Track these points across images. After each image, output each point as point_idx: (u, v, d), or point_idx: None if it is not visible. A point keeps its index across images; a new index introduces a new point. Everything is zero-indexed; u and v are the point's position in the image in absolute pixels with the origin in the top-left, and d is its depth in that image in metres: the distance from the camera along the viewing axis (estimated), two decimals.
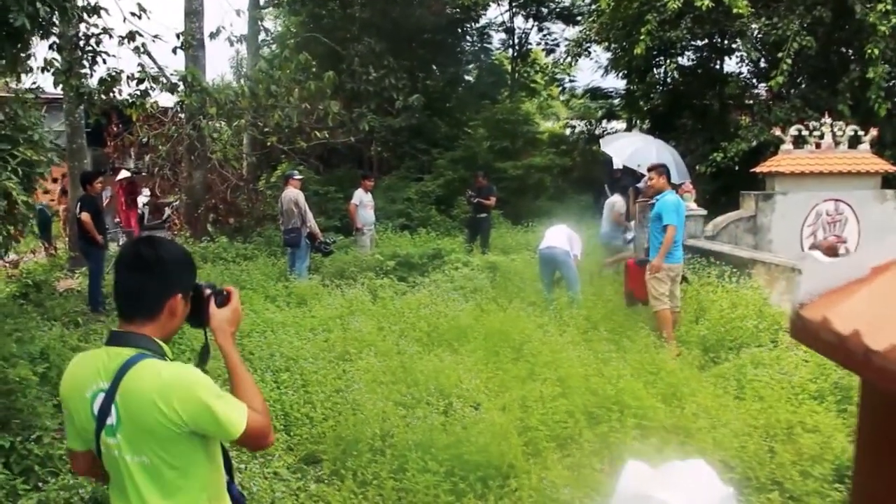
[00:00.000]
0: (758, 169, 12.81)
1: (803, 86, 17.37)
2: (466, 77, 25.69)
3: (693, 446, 5.38)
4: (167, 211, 20.32)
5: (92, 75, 10.49)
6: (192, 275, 2.39)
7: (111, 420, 2.14)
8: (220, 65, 58.34)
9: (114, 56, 10.59)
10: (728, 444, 5.30)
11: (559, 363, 6.89)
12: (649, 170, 9.17)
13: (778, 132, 12.60)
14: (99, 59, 10.32)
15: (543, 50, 26.69)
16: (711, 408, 5.93)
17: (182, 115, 16.21)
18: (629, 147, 12.35)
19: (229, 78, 28.38)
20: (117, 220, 17.51)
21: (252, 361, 7.02)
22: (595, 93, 26.24)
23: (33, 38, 7.67)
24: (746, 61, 19.77)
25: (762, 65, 18.85)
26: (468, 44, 25.19)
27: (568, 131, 28.16)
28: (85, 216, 10.33)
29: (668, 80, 22.83)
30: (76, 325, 9.54)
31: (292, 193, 11.84)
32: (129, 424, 2.12)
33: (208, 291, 2.42)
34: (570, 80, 27.94)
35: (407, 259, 12.22)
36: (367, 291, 10.31)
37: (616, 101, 25.78)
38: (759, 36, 16.61)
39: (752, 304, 8.91)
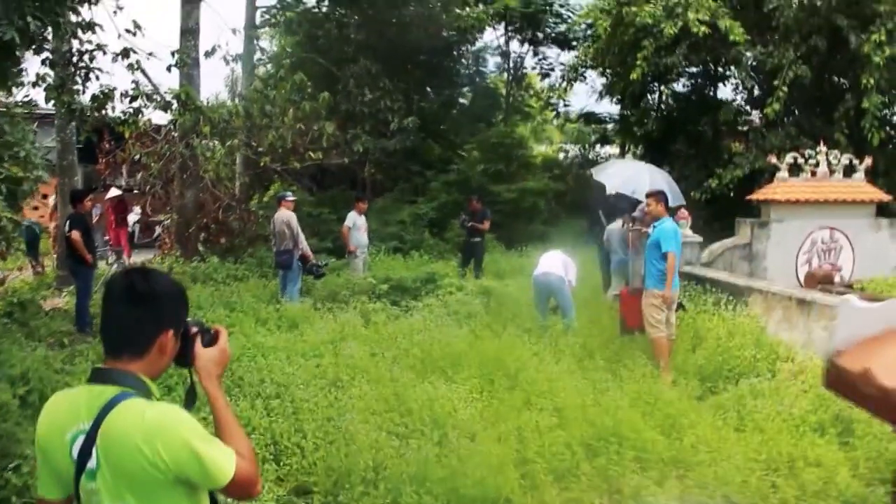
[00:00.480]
0: (753, 196, 12.78)
1: (798, 113, 17.42)
2: (461, 100, 25.66)
3: (693, 480, 5.26)
4: (158, 229, 20.12)
5: (84, 92, 10.40)
6: (185, 311, 2.26)
7: (91, 464, 2.00)
8: (215, 83, 58.27)
9: (107, 73, 10.51)
10: (730, 478, 5.18)
11: (555, 392, 6.77)
12: (647, 196, 9.07)
13: (773, 160, 12.58)
14: (92, 75, 10.24)
15: (539, 74, 26.73)
16: (711, 440, 5.82)
17: (175, 134, 16.09)
18: (621, 174, 12.17)
19: (224, 97, 28.32)
20: (107, 238, 17.33)
21: (242, 387, 6.88)
22: (589, 117, 26.29)
23: (25, 53, 7.55)
24: (741, 89, 19.81)
25: (756, 92, 18.86)
26: (463, 67, 25.17)
27: (561, 156, 28.19)
28: (74, 234, 10.17)
29: (663, 105, 22.93)
30: (62, 345, 9.37)
31: (285, 215, 11.72)
32: (109, 469, 1.97)
33: (195, 329, 2.28)
34: (565, 105, 27.97)
35: (400, 283, 12.09)
36: (359, 315, 10.17)
37: (610, 126, 25.84)
38: (754, 64, 16.66)
39: (749, 332, 8.82)
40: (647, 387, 6.98)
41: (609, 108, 25.86)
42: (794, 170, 12.53)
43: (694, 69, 20.93)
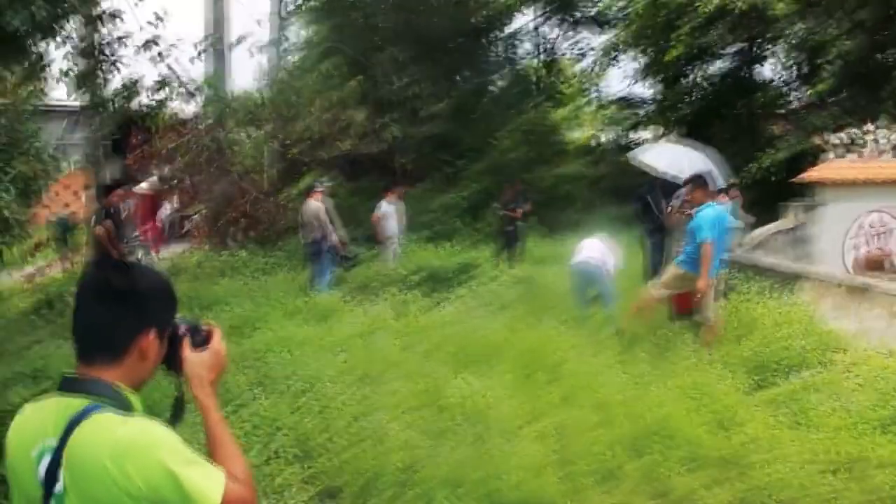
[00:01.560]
0: (799, 178, 12.26)
1: (843, 92, 16.78)
2: (493, 87, 25.25)
3: (747, 483, 4.90)
4: (188, 223, 20.02)
5: (108, 83, 10.23)
6: (171, 308, 1.95)
7: (58, 487, 1.69)
8: (245, 75, 58.43)
9: (129, 65, 10.34)
10: (787, 481, 4.81)
11: (596, 386, 6.43)
12: (684, 184, 8.66)
13: (819, 140, 12.07)
14: (115, 66, 10.06)
15: (571, 60, 26.27)
16: (764, 439, 5.45)
17: (202, 126, 15.92)
18: (663, 157, 11.65)
19: (254, 89, 28.17)
20: (137, 233, 17.20)
21: (268, 384, 6.62)
22: (624, 102, 25.77)
23: (38, 43, 7.31)
24: (782, 68, 19.24)
25: (799, 72, 18.32)
26: (494, 53, 24.78)
27: (595, 142, 27.69)
28: (99, 230, 10.03)
29: (700, 88, 22.41)
30: None
31: (314, 205, 11.47)
32: (76, 494, 1.66)
33: (183, 328, 1.97)
34: (599, 90, 27.48)
35: (433, 273, 11.80)
36: (390, 307, 9.89)
37: (645, 111, 25.32)
38: (796, 42, 16.10)
39: (798, 322, 8.40)
40: (694, 379, 6.60)
41: (644, 92, 25.31)
42: (842, 150, 12.02)
43: (732, 49, 20.38)
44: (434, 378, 6.62)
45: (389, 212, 13.01)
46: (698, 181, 8.41)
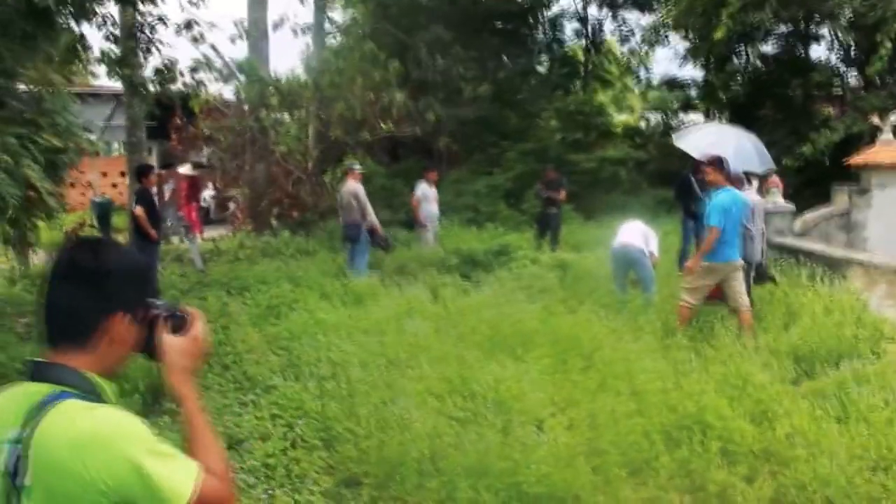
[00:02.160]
0: (853, 160, 11.81)
1: None
2: (538, 68, 24.91)
3: (789, 478, 4.65)
4: (231, 205, 20.09)
5: (146, 65, 10.20)
6: (142, 289, 1.80)
7: (24, 480, 1.55)
8: (288, 57, 58.59)
9: (168, 46, 10.29)
10: (832, 477, 4.54)
11: (633, 374, 6.20)
12: (706, 164, 8.38)
13: (876, 120, 11.59)
14: (154, 47, 10.02)
15: (618, 40, 25.76)
16: (808, 432, 5.16)
17: (245, 108, 15.90)
18: (704, 140, 11.19)
19: (299, 71, 28.16)
20: (180, 214, 17.28)
21: (297, 367, 6.52)
22: (672, 83, 25.21)
23: (70, 21, 7.25)
24: (836, 48, 18.58)
25: (854, 52, 17.67)
26: (539, 34, 24.41)
27: (643, 124, 27.20)
28: (139, 210, 10.00)
29: (749, 68, 21.83)
30: None
31: (352, 186, 11.35)
32: (42, 487, 1.52)
33: (159, 313, 1.83)
34: (647, 71, 26.92)
35: (471, 255, 11.62)
36: (427, 290, 9.74)
37: (694, 92, 24.75)
38: (852, 18, 15.50)
39: (848, 309, 8.04)
40: (736, 368, 6.33)
41: (692, 73, 24.74)
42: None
43: (784, 28, 19.77)
44: (466, 363, 6.45)
45: (428, 194, 12.84)
46: (717, 163, 8.05)
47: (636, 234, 9.24)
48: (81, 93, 24.14)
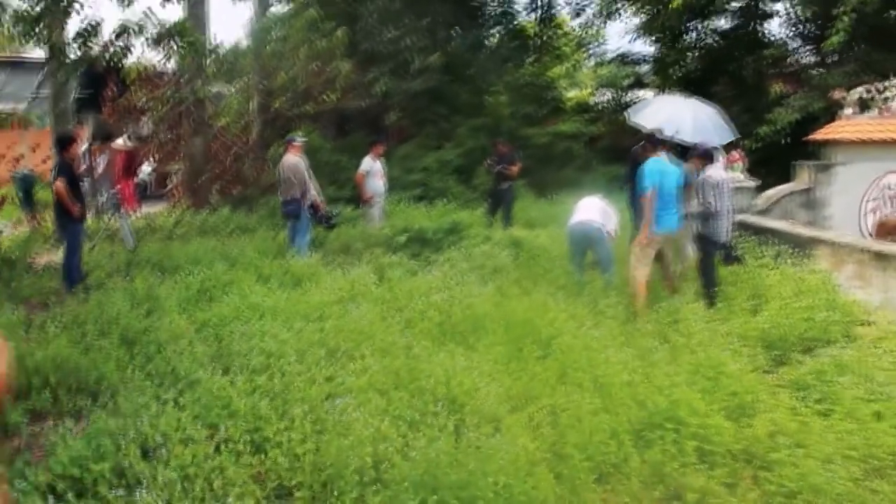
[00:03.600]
0: (814, 136, 11.44)
1: (859, 48, 15.85)
2: (489, 41, 24.23)
3: (773, 483, 4.17)
4: (170, 181, 19.14)
5: (66, 27, 9.37)
6: None
7: None
8: (227, 24, 57.11)
9: (91, 6, 9.46)
10: (817, 479, 4.07)
11: (596, 364, 5.67)
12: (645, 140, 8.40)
13: (838, 95, 11.22)
14: (73, 8, 9.19)
15: (570, 13, 25.23)
16: (790, 429, 4.70)
17: (182, 78, 15.02)
18: (661, 113, 10.63)
19: (243, 42, 27.11)
20: (115, 189, 16.28)
21: (227, 359, 5.88)
22: (624, 58, 24.81)
23: None
24: (791, 23, 18.31)
25: (808, 28, 17.40)
26: (491, 6, 23.73)
27: (594, 100, 26.78)
28: (59, 184, 9.15)
29: (703, 44, 21.57)
30: (45, 306, 8.44)
31: (292, 160, 10.64)
32: None
33: None
34: (599, 45, 26.46)
35: (420, 234, 11.01)
36: (372, 271, 9.14)
37: (645, 69, 24.39)
38: None
39: (818, 291, 7.65)
40: (707, 356, 5.84)
41: (645, 48, 24.36)
42: (861, 107, 11.17)
43: (738, 2, 19.47)
44: (414, 353, 5.87)
45: (374, 169, 12.13)
46: (651, 137, 8.30)
47: (595, 211, 8.73)
48: (7, 61, 22.96)
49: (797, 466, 4.23)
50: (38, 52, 14.13)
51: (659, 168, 7.82)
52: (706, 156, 8.16)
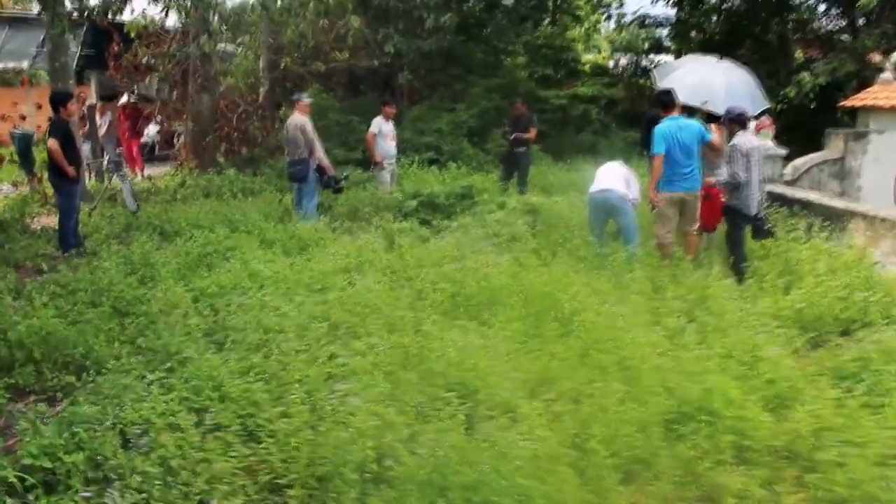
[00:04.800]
0: (848, 102, 10.86)
1: (892, 9, 15.17)
2: (505, 1, 23.53)
3: (821, 488, 3.74)
4: (176, 141, 18.65)
5: None
6: None
7: None
8: None
9: None
10: (870, 486, 3.64)
11: (621, 344, 5.23)
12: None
13: (877, 58, 10.63)
14: None
15: None
16: (835, 423, 4.25)
17: (187, 32, 14.51)
18: (689, 77, 9.93)
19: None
20: (119, 150, 15.82)
21: (222, 333, 5.48)
22: (644, 21, 24.06)
23: None
24: None
25: None
26: None
27: (611, 63, 26.07)
28: (52, 144, 8.73)
29: (725, 7, 20.86)
30: (39, 271, 8.07)
31: (298, 119, 10.18)
32: None
33: None
34: (617, 7, 25.70)
35: (432, 199, 10.58)
36: (381, 238, 8.71)
37: (665, 32, 23.67)
38: None
39: (854, 267, 7.16)
40: (740, 338, 5.40)
41: (665, 11, 23.58)
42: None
43: None
44: (423, 330, 5.44)
45: (385, 130, 11.64)
46: (660, 98, 8.09)
47: (617, 178, 8.24)
48: (9, 18, 22.43)
49: (847, 469, 3.80)
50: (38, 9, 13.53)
51: (673, 127, 7.62)
52: (738, 121, 7.62)
